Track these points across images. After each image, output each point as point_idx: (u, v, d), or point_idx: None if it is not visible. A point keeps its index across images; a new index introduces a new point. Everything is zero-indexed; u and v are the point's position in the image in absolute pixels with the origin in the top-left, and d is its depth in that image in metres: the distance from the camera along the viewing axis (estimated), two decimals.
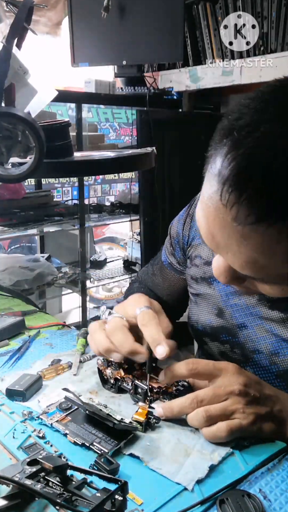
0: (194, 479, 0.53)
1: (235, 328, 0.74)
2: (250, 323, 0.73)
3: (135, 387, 0.68)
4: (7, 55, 0.76)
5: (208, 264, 0.79)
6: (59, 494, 0.48)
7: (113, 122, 3.33)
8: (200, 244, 0.82)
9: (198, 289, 0.82)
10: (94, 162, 1.09)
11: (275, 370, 0.70)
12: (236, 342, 0.75)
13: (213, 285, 0.78)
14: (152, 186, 2.24)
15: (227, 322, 0.76)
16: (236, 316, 0.74)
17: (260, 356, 0.72)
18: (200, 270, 0.81)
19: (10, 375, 0.75)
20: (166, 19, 2.00)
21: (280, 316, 0.69)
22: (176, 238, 0.88)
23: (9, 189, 1.89)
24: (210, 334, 0.79)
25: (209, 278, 0.79)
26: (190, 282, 0.85)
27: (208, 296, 0.79)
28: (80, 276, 2.22)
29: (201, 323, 0.80)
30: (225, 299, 0.76)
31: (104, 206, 2.49)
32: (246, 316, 0.73)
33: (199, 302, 0.81)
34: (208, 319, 0.79)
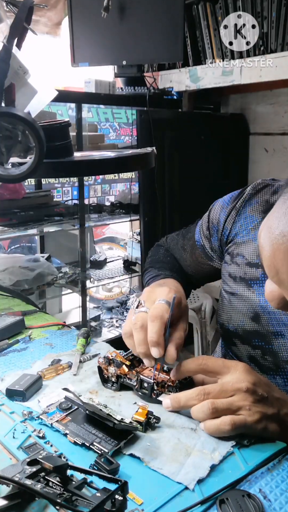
0: (195, 479, 0.53)
1: (270, 335, 0.73)
2: (287, 332, 0.72)
3: (140, 382, 0.68)
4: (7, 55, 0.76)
5: (251, 265, 0.77)
6: (59, 494, 0.48)
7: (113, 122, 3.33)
8: (243, 243, 0.80)
9: (235, 289, 0.80)
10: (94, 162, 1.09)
11: None
12: (269, 349, 0.74)
13: (253, 288, 0.77)
14: (152, 186, 2.24)
15: (262, 327, 0.74)
16: (273, 323, 0.73)
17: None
18: (241, 270, 0.79)
19: (10, 375, 0.75)
20: (166, 19, 2.00)
21: None
22: (216, 226, 0.85)
23: (9, 189, 1.89)
24: (241, 337, 0.77)
25: (249, 280, 0.77)
26: (226, 279, 0.82)
27: (245, 298, 0.77)
28: (80, 276, 2.22)
29: (232, 324, 0.79)
30: (263, 305, 0.74)
31: (104, 206, 2.49)
32: (285, 326, 0.72)
33: (234, 301, 0.79)
34: (242, 321, 0.77)
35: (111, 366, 0.71)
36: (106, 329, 2.63)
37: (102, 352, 0.84)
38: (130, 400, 0.69)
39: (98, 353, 0.82)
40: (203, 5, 2.13)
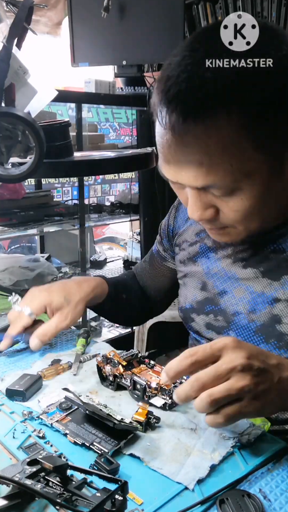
0: (195, 479, 0.53)
1: (217, 297, 0.78)
2: (229, 287, 0.76)
3: (133, 383, 0.68)
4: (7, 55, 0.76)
5: (192, 244, 0.85)
6: (59, 494, 0.48)
7: (113, 122, 3.33)
8: (184, 231, 0.88)
9: (185, 271, 0.87)
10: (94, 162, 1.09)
11: (253, 327, 0.73)
12: (218, 310, 0.78)
13: (197, 262, 0.83)
14: (152, 186, 2.24)
15: (209, 292, 0.80)
16: (217, 284, 0.78)
17: (239, 317, 0.74)
18: (186, 252, 0.86)
19: (10, 375, 0.75)
20: (166, 19, 2.00)
21: (254, 272, 0.73)
22: (164, 229, 0.95)
23: (9, 189, 1.89)
24: (196, 309, 0.82)
25: (193, 257, 0.84)
26: (178, 267, 0.90)
27: (193, 273, 0.84)
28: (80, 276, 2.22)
29: (188, 302, 0.84)
30: (206, 271, 0.80)
31: (104, 206, 2.49)
32: (225, 282, 0.77)
33: (186, 282, 0.86)
34: (194, 295, 0.83)
35: (108, 365, 0.71)
36: (106, 329, 2.63)
37: (102, 352, 0.83)
38: (130, 400, 0.69)
39: (98, 353, 0.82)
40: (203, 5, 2.13)
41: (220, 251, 0.79)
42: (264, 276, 0.72)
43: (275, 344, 0.69)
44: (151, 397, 0.67)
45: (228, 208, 0.63)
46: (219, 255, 0.79)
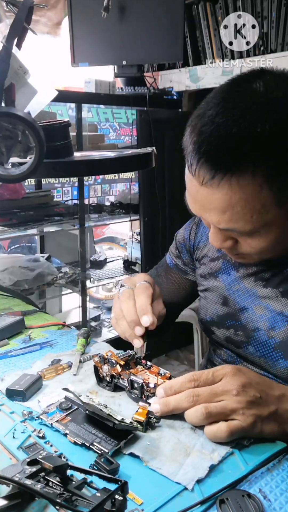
0: (194, 479, 0.53)
1: (238, 312, 0.81)
2: (250, 304, 0.79)
3: (131, 383, 0.68)
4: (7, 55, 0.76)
5: (213, 260, 0.87)
6: (59, 494, 0.48)
7: (113, 122, 3.33)
8: (205, 246, 0.91)
9: (206, 285, 0.88)
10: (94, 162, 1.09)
11: (272, 343, 0.75)
12: (239, 325, 0.80)
13: (219, 277, 0.86)
14: (152, 186, 2.24)
15: (231, 308, 0.82)
16: (238, 301, 0.81)
17: (259, 333, 0.77)
18: (207, 267, 0.89)
19: (10, 375, 0.75)
20: (166, 19, 2.00)
21: (273, 292, 0.76)
22: (183, 243, 0.96)
23: (9, 189, 1.89)
24: (217, 323, 0.84)
25: (215, 272, 0.86)
26: (199, 281, 0.92)
27: (215, 288, 0.86)
28: (80, 276, 2.22)
29: (209, 314, 0.86)
30: (228, 287, 0.83)
31: (104, 206, 2.49)
32: (246, 299, 0.80)
33: (207, 295, 0.88)
34: (215, 309, 0.85)
35: (106, 366, 0.71)
36: (106, 329, 2.63)
37: (102, 352, 0.83)
38: (130, 400, 0.69)
39: (98, 353, 0.82)
40: (203, 5, 2.13)
41: (241, 269, 0.81)
42: (284, 296, 0.75)
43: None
44: (149, 397, 0.67)
45: (246, 244, 0.68)
46: (240, 273, 0.82)
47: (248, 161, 0.58)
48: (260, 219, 0.62)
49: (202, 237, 0.93)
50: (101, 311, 2.79)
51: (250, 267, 0.80)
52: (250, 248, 0.68)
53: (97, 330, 2.55)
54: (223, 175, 0.59)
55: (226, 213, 0.62)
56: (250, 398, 0.58)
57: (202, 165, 0.61)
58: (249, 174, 0.59)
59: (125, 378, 0.70)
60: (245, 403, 0.58)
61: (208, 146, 0.60)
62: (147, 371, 0.72)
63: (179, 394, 0.61)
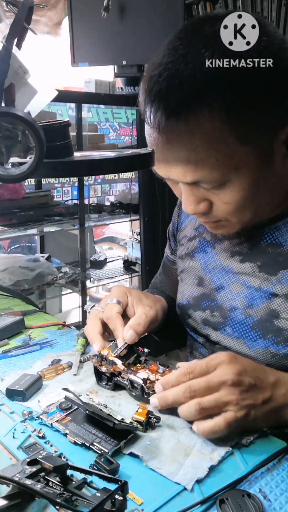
0: (193, 479, 0.53)
1: (214, 292, 0.78)
2: (226, 282, 0.76)
3: (131, 382, 0.68)
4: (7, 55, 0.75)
5: (191, 239, 0.85)
6: (59, 494, 0.48)
7: (113, 122, 3.33)
8: (185, 226, 0.88)
9: (182, 266, 0.86)
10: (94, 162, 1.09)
11: (250, 322, 0.72)
12: (215, 305, 0.77)
13: (195, 257, 0.83)
14: (152, 186, 2.24)
15: (206, 288, 0.79)
16: (214, 279, 0.78)
17: (236, 312, 0.73)
18: (185, 247, 0.86)
19: (10, 375, 0.75)
20: (166, 19, 2.00)
21: (251, 266, 0.72)
22: (171, 231, 0.93)
23: (9, 189, 1.89)
24: (193, 305, 0.81)
25: (191, 252, 0.84)
26: (178, 263, 0.89)
27: (191, 269, 0.83)
28: (80, 276, 2.22)
29: (185, 298, 0.83)
30: (204, 266, 0.80)
31: (104, 206, 2.49)
32: (223, 277, 0.76)
33: (184, 277, 0.85)
34: (191, 291, 0.82)
35: (104, 367, 0.71)
36: None
37: None
38: (130, 400, 0.69)
39: (94, 354, 0.82)
40: (203, 5, 2.13)
41: (217, 245, 0.78)
42: (261, 271, 0.71)
43: (273, 340, 0.69)
44: (150, 394, 0.67)
45: (220, 201, 0.64)
46: (216, 249, 0.78)
47: (202, 97, 0.56)
48: (227, 161, 0.58)
49: (183, 218, 0.89)
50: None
51: (226, 241, 0.76)
52: (225, 206, 0.63)
53: None
54: (178, 115, 0.56)
55: (190, 161, 0.59)
56: (245, 388, 0.57)
57: (156, 110, 0.58)
58: (206, 111, 0.56)
59: (125, 377, 0.70)
60: (240, 393, 0.57)
61: (158, 87, 0.57)
62: (146, 369, 0.72)
63: (176, 388, 0.60)
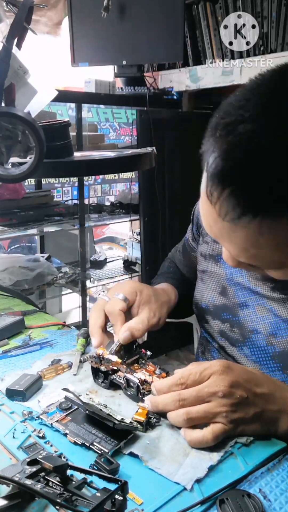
0: (193, 479, 0.53)
1: (236, 307, 0.75)
2: (251, 302, 0.72)
3: (127, 381, 0.68)
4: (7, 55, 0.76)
5: (217, 242, 0.74)
6: (59, 494, 0.48)
7: (113, 122, 3.33)
8: None
9: (205, 266, 0.83)
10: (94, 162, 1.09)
11: (271, 351, 0.69)
12: (236, 321, 0.74)
13: (220, 262, 0.79)
14: (152, 186, 2.24)
15: (229, 300, 0.76)
16: (239, 294, 0.74)
17: (258, 336, 0.71)
18: (210, 247, 0.82)
19: (10, 375, 0.75)
20: (166, 19, 2.00)
21: (281, 296, 0.69)
22: (196, 215, 0.89)
23: (9, 189, 1.89)
24: (212, 312, 0.79)
25: (216, 256, 0.80)
26: (199, 259, 0.86)
27: (214, 274, 0.80)
28: (80, 276, 2.22)
29: (205, 301, 0.81)
30: (229, 277, 0.77)
31: (104, 206, 2.49)
32: (249, 295, 0.73)
33: (205, 279, 0.82)
34: (212, 297, 0.79)
35: (102, 366, 0.71)
36: None
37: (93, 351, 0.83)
38: (130, 400, 0.69)
39: (92, 354, 0.82)
40: (203, 5, 2.13)
41: None
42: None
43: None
44: (145, 395, 0.66)
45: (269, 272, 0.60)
46: None
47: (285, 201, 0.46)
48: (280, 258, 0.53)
49: None
50: None
51: None
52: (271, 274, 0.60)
53: None
54: (252, 217, 0.47)
55: (249, 251, 0.53)
56: (236, 400, 0.56)
57: (225, 198, 0.48)
58: (286, 218, 0.47)
59: (121, 375, 0.70)
60: (230, 406, 0.56)
61: (237, 176, 0.47)
62: (143, 369, 0.72)
63: (167, 395, 0.60)
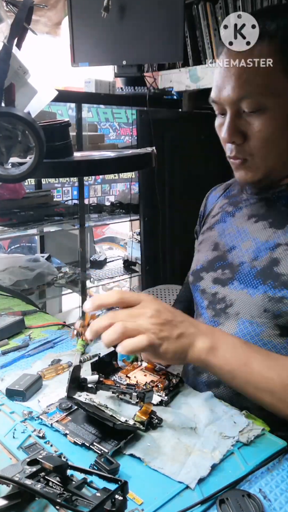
0: (196, 478, 0.53)
1: (226, 253, 0.85)
2: (238, 242, 0.83)
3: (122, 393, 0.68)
4: (7, 55, 0.75)
5: (214, 216, 0.93)
6: (59, 494, 0.48)
7: (113, 122, 3.33)
8: (212, 209, 0.97)
9: (201, 239, 0.94)
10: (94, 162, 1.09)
11: (254, 272, 0.78)
12: (226, 264, 0.84)
13: (214, 228, 0.91)
14: (152, 186, 2.24)
15: (220, 251, 0.87)
16: (228, 242, 0.86)
17: (243, 266, 0.81)
18: (208, 223, 0.95)
19: (10, 375, 0.75)
20: (166, 19, 2.00)
21: (262, 224, 0.81)
22: (198, 222, 1.03)
23: (9, 189, 1.89)
24: (206, 268, 0.88)
25: (212, 225, 0.92)
26: (199, 240, 0.96)
27: (208, 238, 0.91)
28: (80, 276, 2.22)
29: (200, 263, 0.90)
30: (220, 233, 0.88)
31: (104, 206, 2.49)
32: (236, 238, 0.84)
33: (201, 248, 0.92)
34: (206, 256, 0.89)
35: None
36: None
37: (102, 352, 0.83)
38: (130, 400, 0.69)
39: (98, 353, 0.82)
40: (203, 5, 2.12)
41: (237, 213, 0.87)
42: (271, 227, 0.79)
43: (271, 284, 0.74)
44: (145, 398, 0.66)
45: (254, 130, 0.74)
46: (235, 217, 0.87)
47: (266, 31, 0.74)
48: (270, 85, 0.72)
49: (210, 205, 0.99)
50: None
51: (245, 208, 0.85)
52: (257, 134, 0.74)
53: None
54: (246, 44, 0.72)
55: (241, 77, 0.74)
56: (162, 321, 0.63)
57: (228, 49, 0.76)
58: (266, 41, 0.74)
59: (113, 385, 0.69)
60: (158, 325, 0.62)
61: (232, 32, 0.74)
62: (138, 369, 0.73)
63: (101, 317, 0.63)
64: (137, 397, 0.66)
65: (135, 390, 0.67)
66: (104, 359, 0.76)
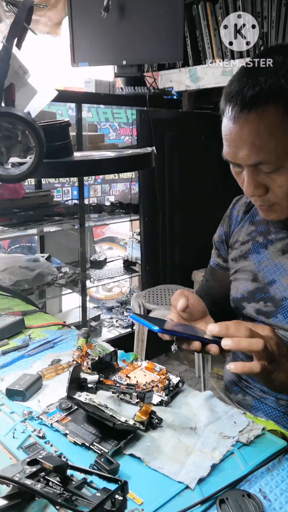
0: (196, 478, 0.53)
1: (266, 286, 0.88)
2: (278, 277, 0.87)
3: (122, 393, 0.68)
4: (7, 55, 0.76)
5: (244, 243, 0.95)
6: (59, 494, 0.48)
7: (113, 122, 3.33)
8: (237, 232, 0.98)
9: (236, 267, 0.96)
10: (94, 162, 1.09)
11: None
12: (267, 297, 0.88)
13: (249, 257, 0.93)
14: (152, 186, 2.24)
15: (260, 283, 0.90)
16: (267, 275, 0.89)
17: (286, 301, 0.85)
18: (238, 250, 0.96)
19: (10, 375, 0.75)
20: (166, 19, 2.00)
21: None
22: (219, 240, 1.03)
23: (9, 189, 1.89)
24: (247, 298, 0.91)
25: (245, 254, 0.94)
26: (231, 265, 0.99)
27: (245, 268, 0.93)
28: (80, 276, 2.22)
29: (240, 292, 0.93)
30: (257, 264, 0.91)
31: (104, 206, 2.49)
32: (275, 273, 0.88)
33: (238, 276, 0.95)
34: (245, 286, 0.92)
35: None
36: (106, 329, 2.63)
37: None
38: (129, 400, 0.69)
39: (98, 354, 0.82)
40: (203, 5, 2.13)
41: (270, 246, 0.90)
42: None
43: None
44: (145, 398, 0.66)
45: (275, 185, 0.76)
46: (269, 250, 0.90)
47: (270, 94, 0.71)
48: (283, 147, 0.72)
49: (234, 225, 1.01)
50: (101, 311, 2.79)
51: (278, 242, 0.88)
52: (279, 189, 0.76)
53: (97, 330, 2.55)
54: (250, 107, 0.71)
55: (255, 144, 0.72)
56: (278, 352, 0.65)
57: (234, 104, 0.73)
58: (272, 106, 0.71)
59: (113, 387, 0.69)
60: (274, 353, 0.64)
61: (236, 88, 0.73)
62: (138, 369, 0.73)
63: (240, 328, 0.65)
64: (137, 397, 0.66)
65: (135, 390, 0.67)
66: (104, 359, 0.76)
